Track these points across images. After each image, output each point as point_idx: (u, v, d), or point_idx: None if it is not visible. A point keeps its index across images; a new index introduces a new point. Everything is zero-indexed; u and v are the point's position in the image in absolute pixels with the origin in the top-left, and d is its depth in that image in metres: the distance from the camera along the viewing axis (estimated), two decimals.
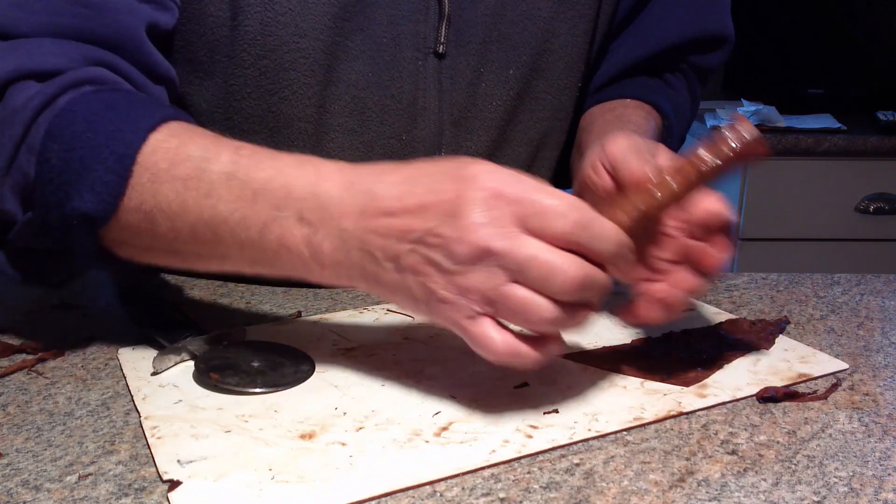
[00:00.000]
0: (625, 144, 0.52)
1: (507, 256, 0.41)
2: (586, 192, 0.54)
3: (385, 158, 0.61)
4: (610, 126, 0.66)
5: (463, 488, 0.40)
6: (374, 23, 0.63)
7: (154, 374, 0.52)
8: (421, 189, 0.43)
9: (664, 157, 0.52)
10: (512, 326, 0.44)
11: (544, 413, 0.47)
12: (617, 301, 0.53)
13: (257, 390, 0.49)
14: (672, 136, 0.73)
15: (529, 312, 0.42)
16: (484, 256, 0.41)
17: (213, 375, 0.50)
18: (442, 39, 0.65)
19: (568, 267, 0.41)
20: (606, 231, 0.43)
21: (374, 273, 0.45)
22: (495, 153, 0.72)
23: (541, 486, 0.41)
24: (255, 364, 0.52)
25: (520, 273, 0.41)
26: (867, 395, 0.51)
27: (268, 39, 0.61)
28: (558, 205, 0.42)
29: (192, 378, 0.51)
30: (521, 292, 0.42)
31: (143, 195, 0.48)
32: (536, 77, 0.71)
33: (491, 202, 0.41)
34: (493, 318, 0.43)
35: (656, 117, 0.71)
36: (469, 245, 0.41)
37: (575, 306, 0.43)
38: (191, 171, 0.47)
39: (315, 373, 0.52)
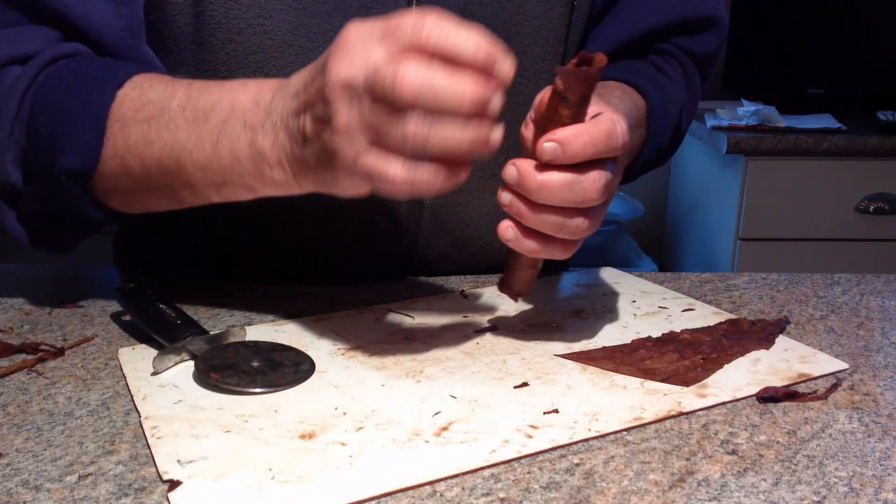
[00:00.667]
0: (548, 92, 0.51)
1: (358, 78, 0.43)
2: (524, 151, 0.54)
3: None
4: None
5: (463, 488, 0.40)
6: (346, 5, 0.63)
7: (154, 373, 0.52)
8: (312, 68, 0.47)
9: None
10: None
11: (544, 413, 0.47)
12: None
13: (257, 390, 0.49)
14: (656, 118, 0.71)
15: (392, 129, 0.43)
16: (345, 88, 0.43)
17: (213, 375, 0.50)
18: None
19: (407, 69, 0.42)
20: (461, 34, 0.43)
21: (300, 156, 0.48)
22: None
23: (541, 486, 0.41)
24: (255, 364, 0.52)
25: (373, 91, 0.43)
26: (867, 395, 0.51)
27: (233, 22, 0.62)
28: (411, 18, 0.43)
29: (192, 378, 0.51)
30: (383, 113, 0.43)
31: (116, 142, 0.55)
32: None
33: (351, 44, 0.44)
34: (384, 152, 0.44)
35: (636, 97, 0.70)
36: (331, 84, 0.44)
37: (446, 123, 0.43)
38: (153, 112, 0.54)
39: (315, 373, 0.52)
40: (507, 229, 0.51)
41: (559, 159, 0.48)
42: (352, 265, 0.72)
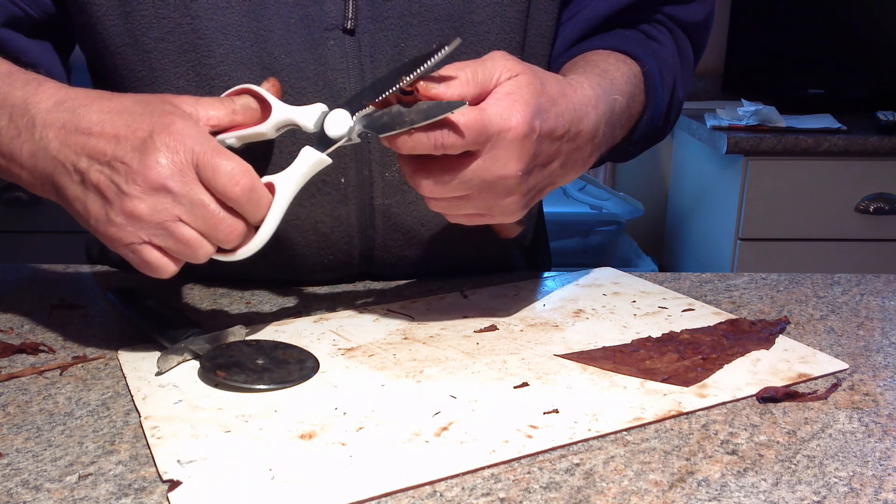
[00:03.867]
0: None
1: (182, 196, 0.49)
2: None
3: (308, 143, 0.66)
4: (573, 70, 0.65)
5: (463, 488, 0.40)
6: (281, 3, 0.63)
7: (158, 373, 0.52)
8: (121, 122, 0.50)
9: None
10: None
11: (544, 413, 0.47)
12: None
13: (265, 387, 0.49)
14: (653, 83, 0.70)
15: (192, 249, 0.50)
16: (160, 190, 0.49)
17: (220, 373, 0.50)
18: (350, 15, 0.64)
19: (233, 223, 0.50)
20: (263, 203, 0.51)
21: (61, 184, 0.52)
22: None
23: (541, 486, 0.41)
24: (260, 362, 0.52)
25: (189, 214, 0.49)
26: (867, 395, 0.51)
27: (163, 21, 0.62)
28: (232, 169, 0.49)
29: (192, 378, 0.51)
30: (188, 231, 0.50)
31: None
32: (464, 51, 0.67)
33: (176, 147, 0.49)
34: (152, 244, 0.50)
35: (630, 63, 0.68)
36: (147, 179, 0.49)
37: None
38: None
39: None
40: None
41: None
42: (309, 276, 0.71)
